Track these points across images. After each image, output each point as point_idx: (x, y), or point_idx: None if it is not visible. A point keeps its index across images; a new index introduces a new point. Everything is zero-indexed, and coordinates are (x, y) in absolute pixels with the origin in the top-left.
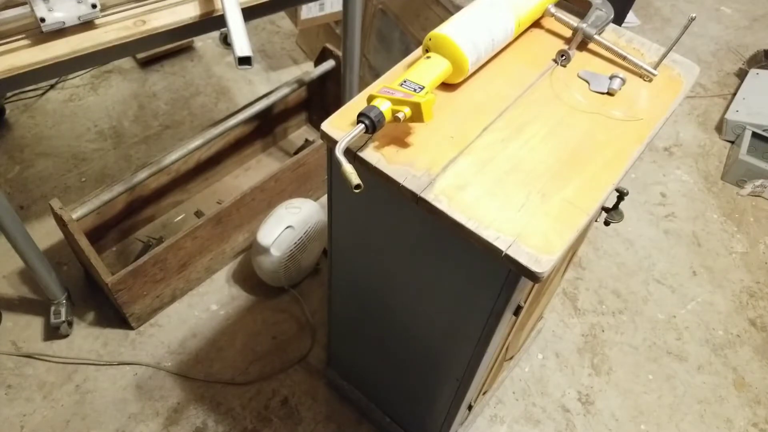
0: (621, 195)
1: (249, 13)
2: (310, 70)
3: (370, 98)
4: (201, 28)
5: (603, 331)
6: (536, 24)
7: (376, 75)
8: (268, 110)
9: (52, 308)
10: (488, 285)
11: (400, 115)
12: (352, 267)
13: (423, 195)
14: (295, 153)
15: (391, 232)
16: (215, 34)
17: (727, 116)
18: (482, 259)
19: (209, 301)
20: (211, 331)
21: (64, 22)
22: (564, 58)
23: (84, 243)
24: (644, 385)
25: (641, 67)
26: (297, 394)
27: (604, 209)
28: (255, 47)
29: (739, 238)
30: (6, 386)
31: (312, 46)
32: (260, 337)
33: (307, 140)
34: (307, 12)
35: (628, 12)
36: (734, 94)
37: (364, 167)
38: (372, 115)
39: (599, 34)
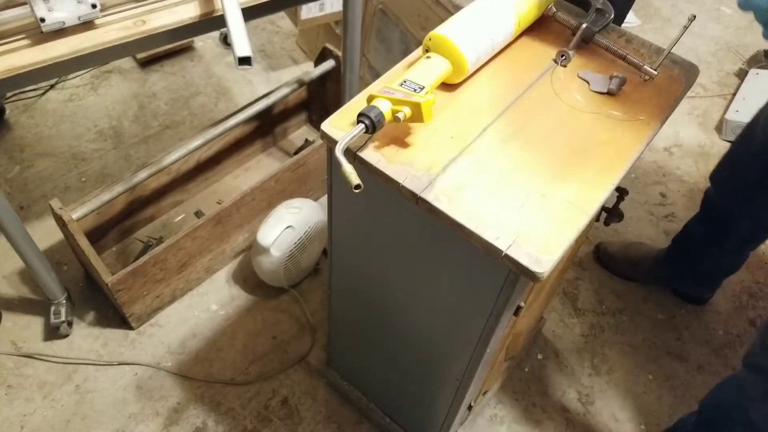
0: (621, 195)
1: (249, 13)
2: (310, 70)
3: (370, 98)
4: (201, 28)
5: (603, 331)
6: (536, 24)
7: (376, 75)
8: (268, 110)
9: (52, 308)
10: (488, 285)
11: (400, 115)
12: (352, 267)
13: (423, 195)
14: (295, 153)
15: (391, 232)
16: (215, 34)
17: (727, 116)
18: (482, 259)
19: (209, 301)
20: (211, 331)
21: (64, 22)
22: (564, 58)
23: (84, 243)
24: (644, 385)
25: (641, 67)
26: (297, 394)
27: (604, 209)
28: (255, 47)
29: None
30: (6, 386)
31: (312, 46)
32: (260, 337)
33: (307, 140)
34: (307, 12)
35: (628, 12)
36: (734, 94)
37: (364, 167)
38: (372, 115)
39: (599, 34)
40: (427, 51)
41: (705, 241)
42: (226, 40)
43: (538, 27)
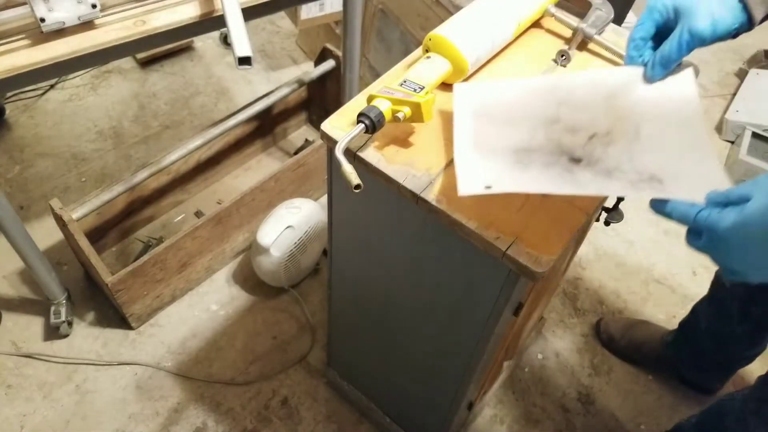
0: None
1: (249, 13)
2: (310, 70)
3: (370, 98)
4: (201, 28)
5: None
6: (536, 24)
7: (376, 75)
8: (268, 110)
9: (52, 308)
10: (488, 285)
11: (400, 115)
12: (352, 267)
13: (423, 195)
14: (295, 153)
15: (391, 232)
16: (215, 34)
17: (727, 116)
18: (482, 259)
19: (209, 301)
20: (211, 331)
21: (64, 22)
22: (564, 58)
23: (84, 243)
24: (644, 385)
25: None
26: (297, 394)
27: (604, 209)
28: (255, 47)
29: None
30: (6, 386)
31: (312, 46)
32: (260, 337)
33: (307, 140)
34: (307, 12)
35: (628, 12)
36: (734, 94)
37: (364, 167)
38: (372, 115)
39: (599, 34)
40: (427, 51)
41: (714, 325)
42: (226, 40)
43: (539, 27)
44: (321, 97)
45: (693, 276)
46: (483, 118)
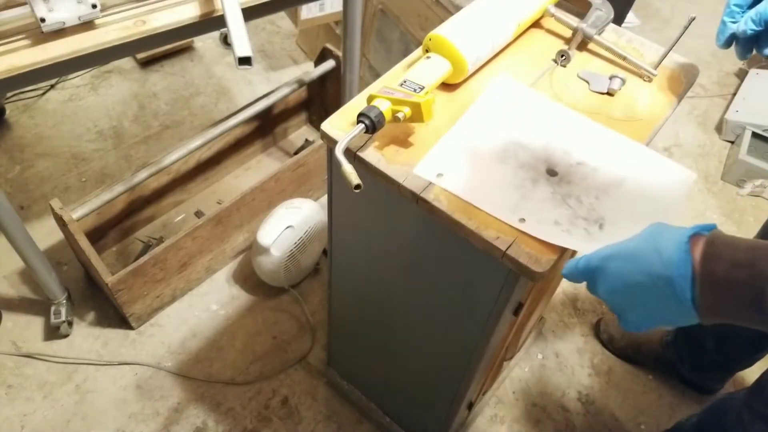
0: None
1: (249, 13)
2: (310, 70)
3: (370, 98)
4: (201, 28)
5: None
6: (536, 24)
7: (376, 75)
8: (268, 110)
9: (53, 308)
10: (488, 285)
11: (400, 115)
12: (352, 267)
13: (423, 195)
14: (295, 153)
15: (391, 232)
16: (215, 34)
17: (727, 116)
18: (482, 259)
19: (209, 301)
20: (211, 331)
21: (64, 23)
22: (564, 58)
23: (84, 243)
24: (644, 385)
25: (641, 67)
26: (297, 394)
27: None
28: (255, 47)
29: None
30: (6, 386)
31: (312, 46)
32: (260, 337)
33: (307, 140)
34: (307, 12)
35: (628, 12)
36: (734, 94)
37: (364, 167)
38: (372, 115)
39: (599, 34)
40: (427, 51)
41: (720, 325)
42: (226, 40)
43: (538, 27)
44: (321, 97)
45: None
46: (506, 104)
